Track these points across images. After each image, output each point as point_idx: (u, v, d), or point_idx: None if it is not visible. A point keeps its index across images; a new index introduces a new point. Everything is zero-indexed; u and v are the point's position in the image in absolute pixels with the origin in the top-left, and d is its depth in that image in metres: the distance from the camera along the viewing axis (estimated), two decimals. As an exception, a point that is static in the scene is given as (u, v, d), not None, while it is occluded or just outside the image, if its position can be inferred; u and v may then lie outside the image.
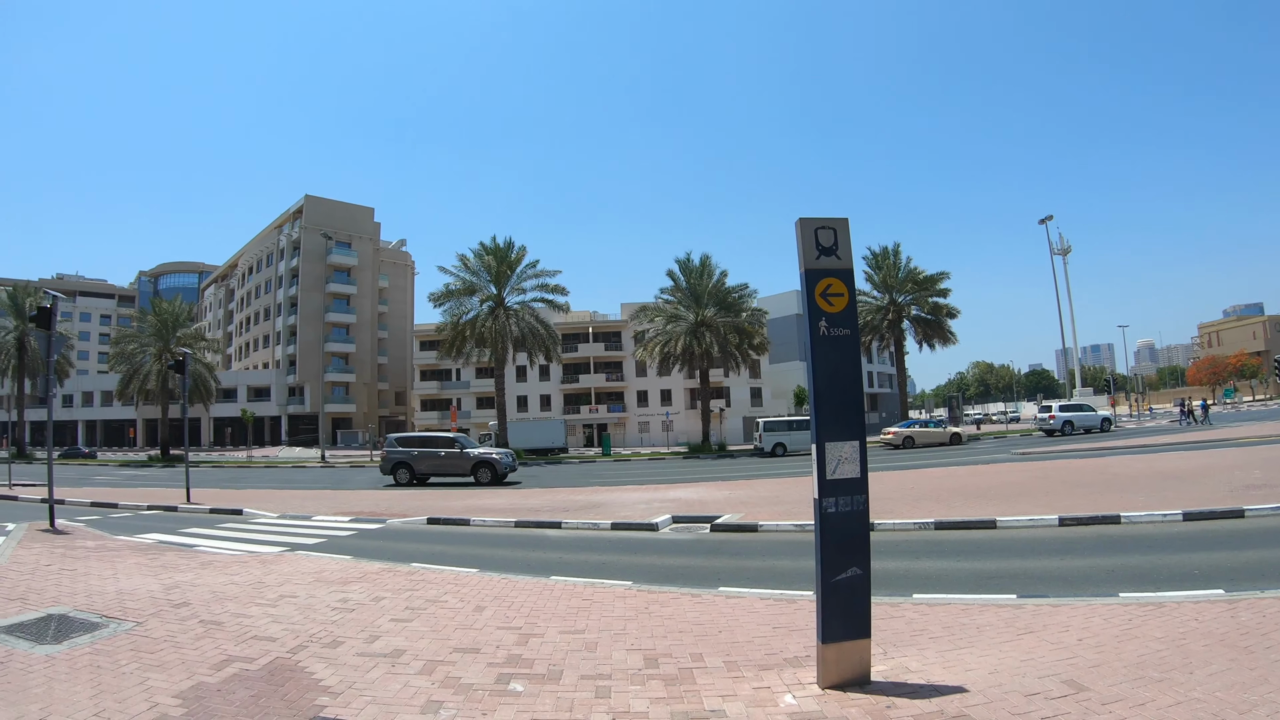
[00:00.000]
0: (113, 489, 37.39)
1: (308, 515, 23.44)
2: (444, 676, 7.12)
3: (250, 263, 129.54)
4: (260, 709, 6.46)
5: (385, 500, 27.67)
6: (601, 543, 16.70)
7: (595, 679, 6.94)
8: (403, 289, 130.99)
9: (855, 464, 6.24)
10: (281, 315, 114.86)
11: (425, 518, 21.64)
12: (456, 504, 25.14)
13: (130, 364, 76.52)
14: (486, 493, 29.97)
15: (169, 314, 77.19)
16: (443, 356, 72.40)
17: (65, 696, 6.82)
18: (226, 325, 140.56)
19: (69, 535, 18.88)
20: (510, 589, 11.17)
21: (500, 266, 63.62)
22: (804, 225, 6.49)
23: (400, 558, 15.01)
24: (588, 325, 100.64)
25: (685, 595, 10.36)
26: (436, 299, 64.98)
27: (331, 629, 9.04)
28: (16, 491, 33.86)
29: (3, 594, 11.37)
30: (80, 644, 8.56)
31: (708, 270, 64.91)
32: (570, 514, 20.92)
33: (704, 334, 62.04)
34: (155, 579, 12.64)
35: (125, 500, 29.41)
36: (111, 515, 25.28)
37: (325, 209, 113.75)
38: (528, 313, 64.50)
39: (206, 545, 17.63)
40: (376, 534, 19.58)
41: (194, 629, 9.18)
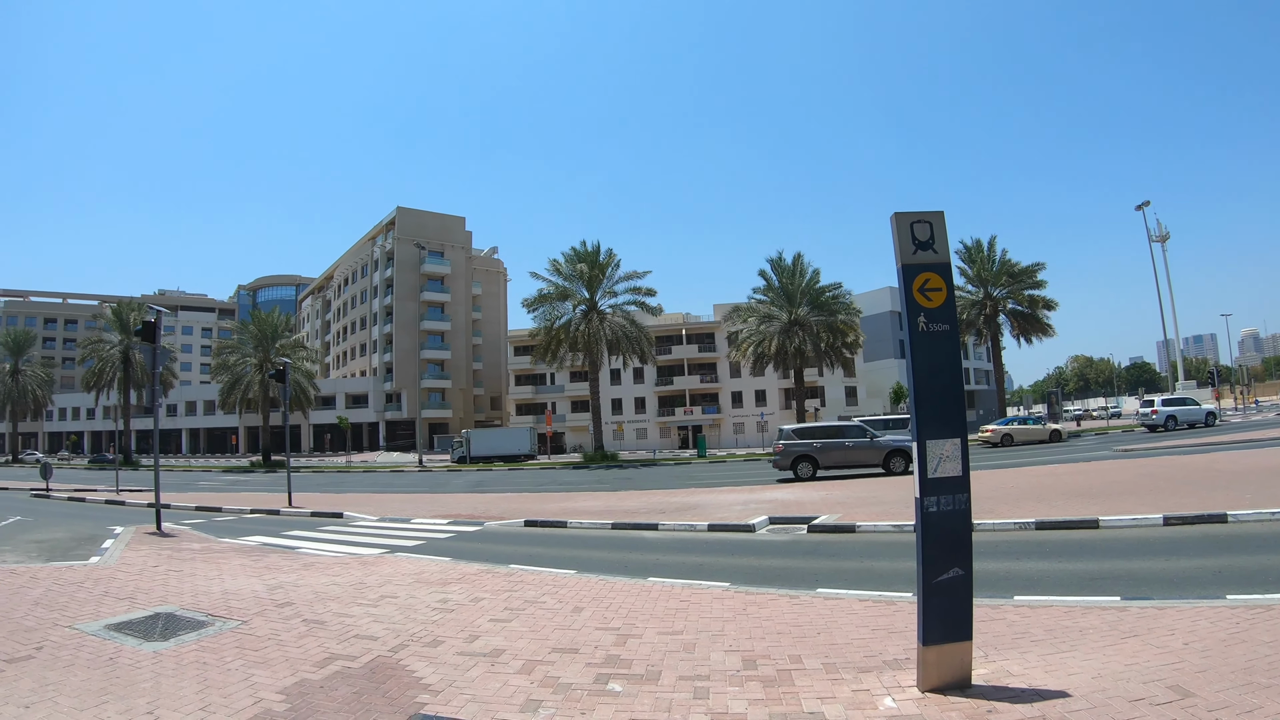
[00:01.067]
0: (216, 494, 38.25)
1: (406, 518, 23.72)
2: (543, 676, 7.16)
3: (346, 274, 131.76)
4: (362, 705, 6.55)
5: (483, 503, 27.89)
6: (698, 544, 16.64)
7: (693, 680, 6.90)
8: (496, 295, 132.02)
9: (957, 462, 6.12)
10: (377, 324, 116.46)
11: (522, 520, 21.76)
12: (552, 507, 25.27)
13: (232, 374, 78.63)
14: (583, 495, 30.08)
15: (268, 325, 79.11)
16: (537, 361, 72.85)
17: (172, 691, 6.99)
18: (324, 335, 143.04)
19: (175, 538, 19.35)
20: (608, 590, 11.19)
21: (592, 271, 64.04)
22: (899, 220, 6.40)
23: (498, 559, 15.10)
24: (681, 327, 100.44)
25: (783, 597, 10.27)
26: (530, 304, 65.68)
27: (432, 629, 9.15)
28: (124, 497, 34.81)
29: (112, 593, 11.70)
30: (187, 641, 8.78)
31: (800, 269, 64.30)
32: (667, 516, 20.88)
33: (797, 333, 61.39)
34: (259, 579, 12.91)
35: (229, 504, 30.08)
36: (216, 519, 25.88)
37: (417, 219, 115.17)
38: (620, 316, 64.84)
39: (308, 547, 17.98)
40: (474, 536, 19.75)
41: (297, 628, 9.35)
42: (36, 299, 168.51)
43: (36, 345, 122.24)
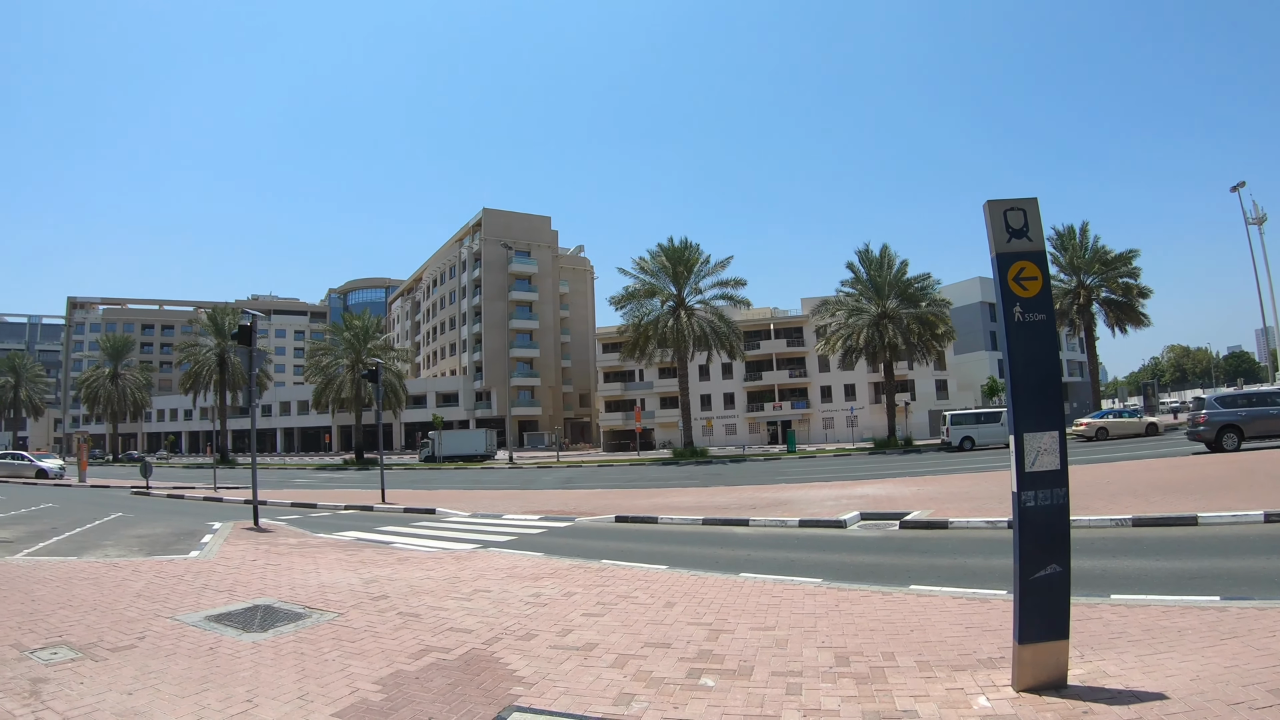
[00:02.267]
0: (311, 490, 39.00)
1: (498, 514, 23.91)
2: (635, 670, 7.16)
3: (434, 275, 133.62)
4: (457, 696, 6.60)
5: (574, 499, 28.03)
6: (789, 540, 16.56)
7: (786, 676, 6.85)
8: (583, 293, 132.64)
9: (1055, 455, 6.00)
10: (466, 324, 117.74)
11: (613, 516, 21.83)
12: (643, 502, 25.28)
13: (325, 375, 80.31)
14: (674, 491, 30.04)
15: (359, 327, 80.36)
16: (625, 358, 73.01)
17: (271, 680, 7.13)
18: (414, 336, 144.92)
19: (271, 533, 19.73)
20: (700, 585, 11.17)
21: (678, 267, 63.93)
22: (992, 207, 6.28)
23: (590, 554, 15.18)
24: (768, 321, 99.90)
25: (875, 593, 10.16)
26: (617, 301, 65.80)
27: (525, 622, 9.21)
28: (221, 494, 35.52)
29: (211, 586, 11.96)
30: (285, 632, 8.95)
31: (888, 261, 63.27)
32: (757, 511, 20.81)
33: (886, 326, 60.39)
34: (355, 573, 13.10)
35: (323, 501, 30.59)
36: (311, 515, 26.29)
37: (503, 220, 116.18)
38: (708, 311, 64.56)
39: (402, 542, 18.21)
40: (565, 532, 19.84)
41: (392, 620, 9.47)
42: (134, 306, 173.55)
43: (135, 350, 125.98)
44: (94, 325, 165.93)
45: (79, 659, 7.81)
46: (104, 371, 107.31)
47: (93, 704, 6.47)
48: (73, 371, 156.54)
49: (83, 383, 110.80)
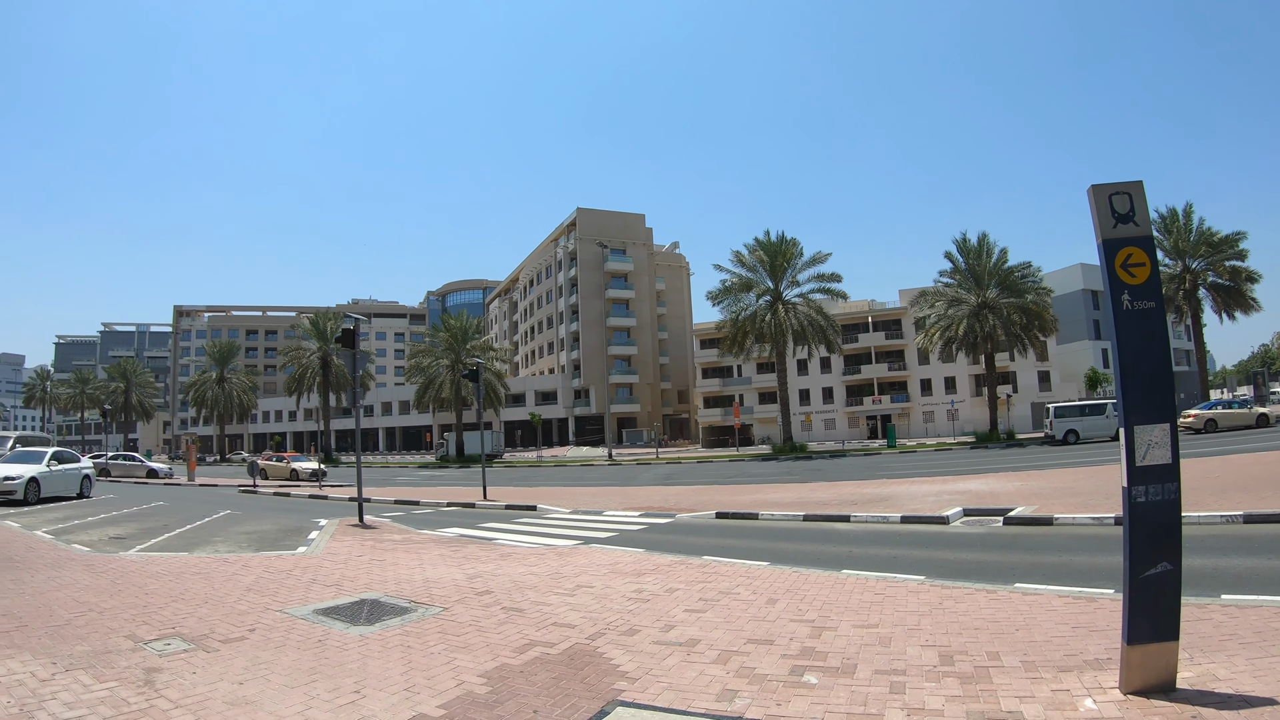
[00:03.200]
0: (413, 488, 39.49)
1: (599, 510, 24.04)
2: (738, 666, 7.12)
3: (530, 276, 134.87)
4: (561, 690, 6.64)
5: (673, 496, 28.06)
6: (891, 536, 16.43)
7: (889, 674, 6.76)
8: (679, 290, 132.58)
9: (1166, 449, 5.83)
10: (564, 323, 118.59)
11: (714, 512, 21.80)
12: (743, 499, 25.24)
13: (425, 375, 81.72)
14: (773, 487, 29.94)
15: (458, 328, 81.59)
16: (723, 353, 73.04)
17: (378, 672, 7.24)
18: (512, 335, 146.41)
19: (376, 529, 20.04)
20: (801, 582, 11.10)
21: (774, 260, 63.66)
22: (1097, 192, 6.13)
23: (691, 551, 15.13)
24: (866, 314, 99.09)
25: (980, 591, 10.00)
26: (714, 297, 65.71)
27: (627, 618, 9.22)
28: (326, 491, 36.23)
29: (319, 580, 12.18)
30: (391, 626, 9.09)
31: (987, 249, 62.28)
32: (858, 507, 20.65)
33: (986, 317, 59.49)
34: (458, 569, 13.25)
35: (426, 498, 30.99)
36: (414, 511, 26.66)
37: (598, 219, 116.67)
38: (805, 305, 64.03)
39: (504, 538, 18.37)
40: (666, 528, 19.83)
41: (496, 615, 9.55)
42: (238, 313, 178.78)
43: (240, 355, 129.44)
44: (200, 332, 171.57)
45: (191, 650, 8.01)
46: (211, 376, 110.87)
47: (205, 693, 6.64)
48: (180, 376, 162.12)
49: (190, 386, 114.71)
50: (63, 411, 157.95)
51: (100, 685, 6.81)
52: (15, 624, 9.13)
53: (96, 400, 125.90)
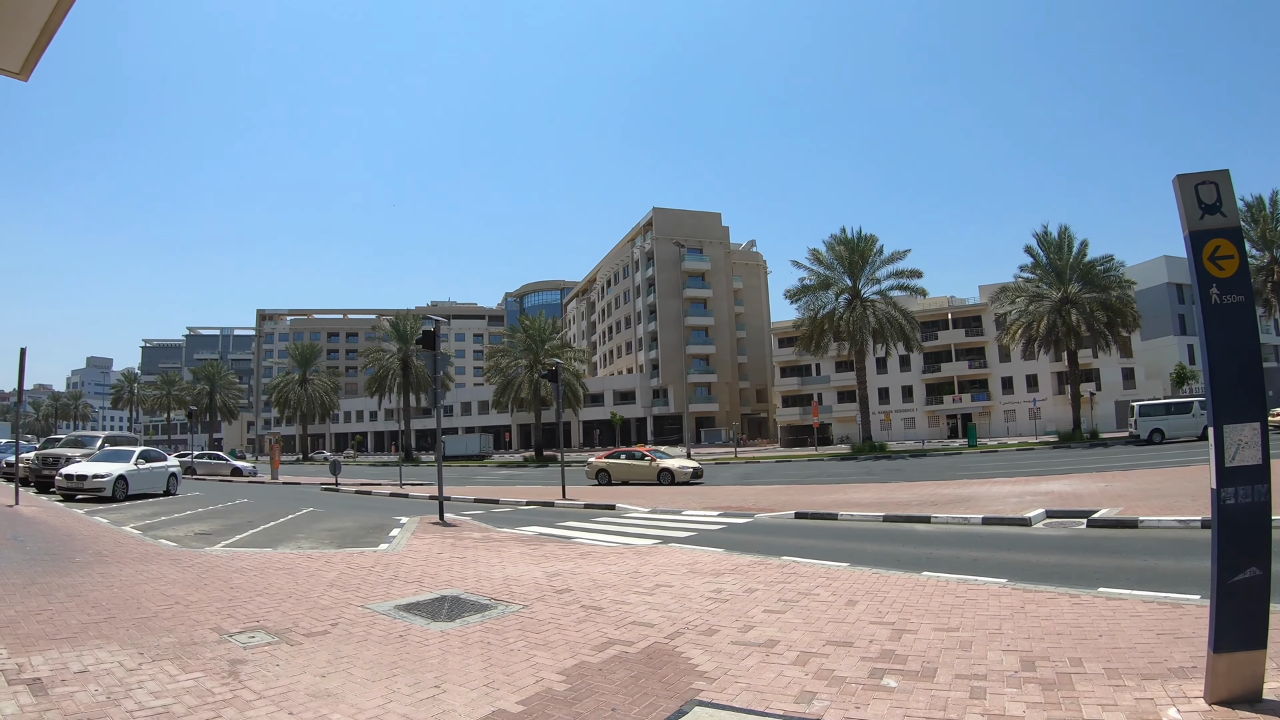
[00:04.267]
0: (493, 487, 39.79)
1: (677, 510, 24.03)
2: (817, 668, 7.08)
3: (608, 276, 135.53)
4: (639, 689, 6.65)
5: (752, 495, 27.97)
6: (972, 538, 16.22)
7: (970, 679, 6.67)
8: (757, 288, 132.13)
9: (1256, 449, 5.67)
10: (641, 322, 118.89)
11: (793, 512, 21.69)
12: (822, 499, 25.06)
13: (504, 376, 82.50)
14: (853, 487, 29.73)
15: (536, 329, 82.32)
16: (801, 352, 72.40)
17: (458, 667, 7.32)
18: (590, 335, 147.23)
19: (456, 528, 20.20)
20: (881, 584, 11.00)
21: (852, 256, 63.02)
22: (1182, 182, 5.97)
23: (770, 551, 15.04)
24: (946, 311, 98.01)
25: (1062, 595, 9.81)
26: (792, 295, 65.32)
27: (706, 617, 9.20)
28: (407, 490, 36.57)
29: (400, 577, 12.33)
30: (471, 622, 9.18)
31: (1067, 243, 61.07)
32: (939, 508, 20.42)
33: (1068, 312, 58.21)
34: (538, 567, 13.33)
35: (505, 497, 31.18)
36: (493, 510, 26.84)
37: (673, 219, 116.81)
38: (884, 302, 63.31)
39: (583, 537, 18.40)
40: (745, 528, 19.75)
41: (576, 613, 9.60)
42: (319, 316, 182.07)
43: (321, 356, 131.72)
44: (282, 335, 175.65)
45: (275, 643, 8.16)
46: (294, 377, 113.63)
47: (288, 685, 6.76)
48: (263, 378, 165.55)
49: (274, 388, 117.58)
50: (149, 412, 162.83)
51: (186, 675, 6.97)
52: (104, 615, 9.36)
53: (182, 401, 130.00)
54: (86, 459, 31.76)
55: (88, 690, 6.50)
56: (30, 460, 35.06)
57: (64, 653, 7.59)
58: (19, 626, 8.66)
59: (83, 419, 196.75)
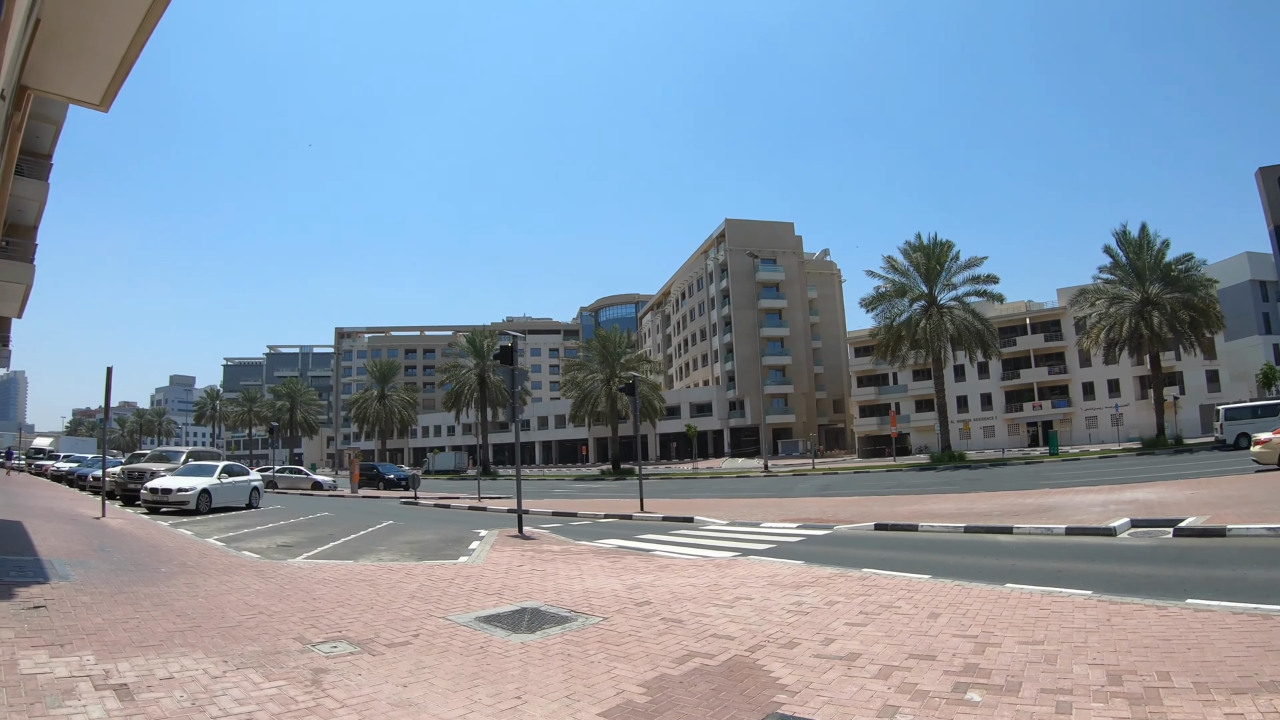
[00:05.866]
0: (570, 500, 39.89)
1: (755, 522, 23.93)
2: (900, 682, 7.01)
3: (682, 289, 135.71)
4: (720, 702, 6.64)
5: (830, 507, 27.76)
6: (1055, 548, 15.94)
7: (1055, 693, 6.55)
8: (831, 297, 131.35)
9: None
10: (717, 334, 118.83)
11: (872, 524, 21.48)
12: (902, 510, 24.81)
13: (580, 390, 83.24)
14: (932, 498, 29.39)
15: (612, 343, 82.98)
16: (878, 361, 71.96)
17: (539, 679, 7.38)
18: (665, 349, 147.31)
19: (535, 540, 20.30)
20: (963, 596, 10.88)
21: (929, 263, 62.43)
22: (1265, 175, 5.83)
23: (850, 563, 14.92)
24: (1023, 316, 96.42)
25: (1149, 607, 9.59)
26: (867, 303, 64.88)
27: (787, 630, 9.16)
28: (485, 503, 36.85)
29: (480, 589, 12.45)
30: (551, 634, 9.25)
31: (1147, 242, 59.68)
32: (1020, 518, 20.12)
33: (1150, 314, 56.81)
34: (617, 579, 13.37)
35: (583, 510, 31.25)
36: (572, 523, 26.96)
37: (746, 230, 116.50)
38: (961, 308, 62.45)
39: (662, 550, 18.40)
40: (824, 540, 19.63)
41: (656, 625, 9.62)
42: (396, 333, 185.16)
43: (399, 373, 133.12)
44: (360, 352, 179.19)
45: (357, 653, 8.29)
46: (372, 393, 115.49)
47: (370, 694, 6.87)
48: (343, 394, 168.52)
49: (353, 404, 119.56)
50: (231, 428, 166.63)
51: (269, 683, 7.11)
52: (189, 624, 9.55)
53: (263, 417, 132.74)
54: (171, 474, 32.46)
55: (173, 696, 6.64)
56: (116, 475, 35.88)
57: (150, 660, 7.76)
58: (106, 634, 8.86)
59: (167, 435, 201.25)
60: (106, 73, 14.15)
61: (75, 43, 13.02)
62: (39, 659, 7.69)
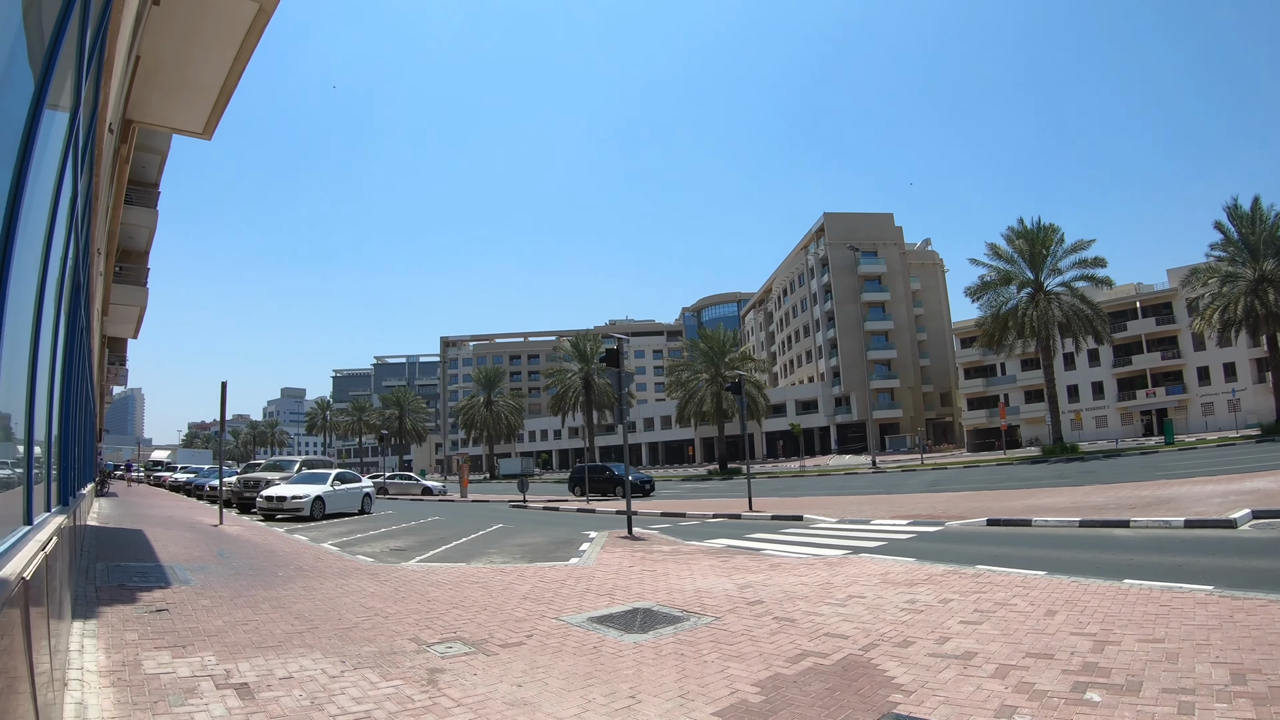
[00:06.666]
0: (678, 500, 39.93)
1: (865, 519, 23.73)
2: (1017, 681, 6.93)
3: (783, 285, 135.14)
4: (835, 702, 6.64)
5: (941, 503, 27.42)
6: (1173, 542, 15.54)
7: (1177, 693, 6.40)
8: (935, 288, 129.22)
9: None
10: (820, 330, 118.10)
11: (984, 519, 21.21)
12: (1014, 504, 24.40)
13: (685, 390, 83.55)
14: (1045, 491, 28.81)
15: (716, 342, 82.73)
16: (984, 351, 70.58)
17: (652, 678, 7.45)
18: (769, 346, 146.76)
19: (645, 541, 20.38)
20: (1080, 592, 10.68)
21: (1033, 249, 60.77)
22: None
23: (963, 560, 14.76)
24: (1133, 299, 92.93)
25: (1274, 603, 9.27)
26: (972, 292, 63.64)
27: (901, 629, 9.12)
28: (594, 505, 37.07)
29: (592, 590, 12.58)
30: (664, 634, 9.32)
31: (1260, 216, 56.72)
32: (1136, 511, 19.65)
33: (1265, 292, 54.31)
34: (728, 579, 13.39)
35: (691, 510, 31.25)
36: (680, 523, 26.96)
37: (846, 222, 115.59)
38: (1069, 294, 60.74)
39: (772, 549, 18.27)
40: (936, 536, 19.43)
41: (768, 625, 9.63)
42: (501, 340, 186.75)
43: (505, 379, 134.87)
44: (465, 360, 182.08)
45: (471, 653, 8.47)
46: (479, 399, 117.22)
47: (484, 694, 7.01)
48: (449, 401, 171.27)
49: (460, 410, 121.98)
50: (341, 437, 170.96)
51: (385, 683, 7.33)
52: (307, 626, 9.82)
53: (372, 426, 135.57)
54: (285, 482, 33.32)
55: (292, 695, 6.87)
56: (233, 484, 37.02)
57: (269, 660, 8.04)
58: (226, 635, 9.16)
59: (279, 445, 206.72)
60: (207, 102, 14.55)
61: (174, 76, 13.42)
62: (162, 659, 8.00)
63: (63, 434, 7.55)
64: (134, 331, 33.57)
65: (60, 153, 4.45)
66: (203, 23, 11.66)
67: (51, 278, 4.70)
